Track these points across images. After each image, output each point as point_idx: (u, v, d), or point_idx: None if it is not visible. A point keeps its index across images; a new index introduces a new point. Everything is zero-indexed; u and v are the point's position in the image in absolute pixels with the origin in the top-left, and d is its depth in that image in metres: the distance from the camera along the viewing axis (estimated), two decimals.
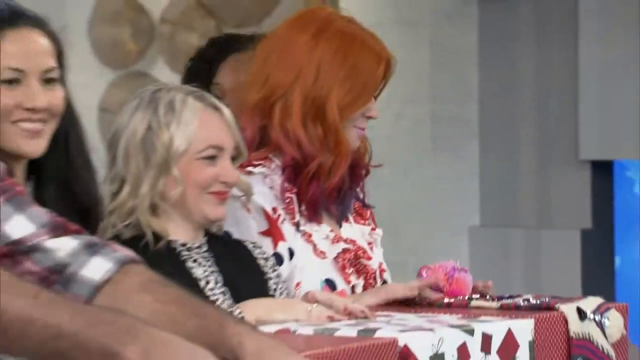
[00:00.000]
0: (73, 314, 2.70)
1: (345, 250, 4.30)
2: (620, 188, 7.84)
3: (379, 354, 3.17)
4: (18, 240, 3.05)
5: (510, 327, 3.38)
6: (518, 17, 7.85)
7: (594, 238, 7.74)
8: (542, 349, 3.54)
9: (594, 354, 3.59)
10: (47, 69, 3.77)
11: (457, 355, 3.27)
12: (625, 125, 7.52)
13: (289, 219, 4.23)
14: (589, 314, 3.63)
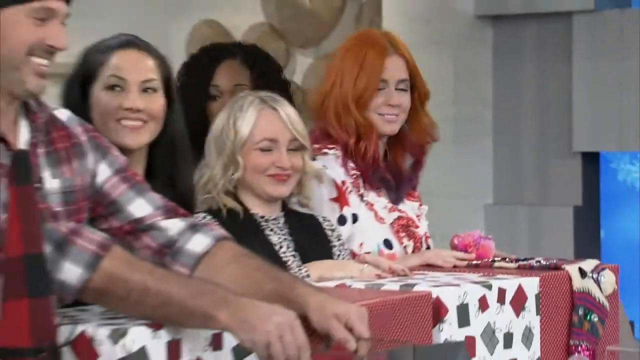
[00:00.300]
0: (180, 285, 2.92)
1: (399, 218, 4.28)
2: (605, 174, 7.86)
3: (417, 304, 3.21)
4: (139, 219, 3.20)
5: (520, 283, 3.43)
6: (523, 38, 7.88)
7: (583, 214, 7.79)
8: (548, 301, 3.55)
9: (592, 305, 3.60)
10: (146, 79, 3.85)
11: (478, 305, 3.31)
12: (609, 124, 7.57)
13: (355, 191, 4.20)
14: (588, 272, 3.68)
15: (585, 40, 7.67)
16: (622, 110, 7.55)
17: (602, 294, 3.59)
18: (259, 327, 2.78)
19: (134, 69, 3.89)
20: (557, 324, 3.56)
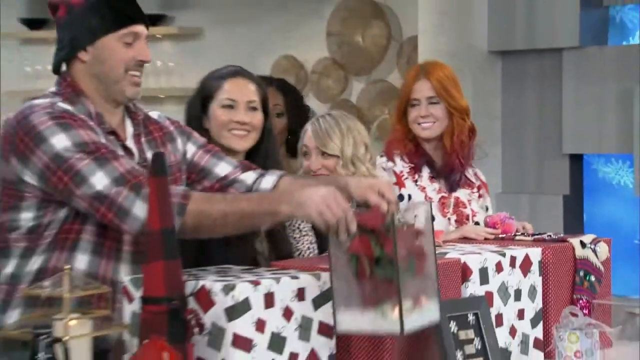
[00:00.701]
0: (247, 201, 3.12)
1: (445, 198, 4.20)
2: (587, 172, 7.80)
3: (449, 268, 3.19)
4: (224, 177, 3.39)
5: (527, 252, 3.38)
6: (525, 68, 7.80)
7: (570, 201, 7.71)
8: (555, 265, 3.49)
9: (590, 268, 3.54)
10: (249, 100, 3.88)
11: (495, 268, 3.28)
12: (590, 133, 7.50)
13: (411, 178, 4.12)
14: (587, 244, 3.62)
15: (572, 69, 7.61)
16: (600, 123, 7.51)
17: (598, 260, 3.56)
18: (310, 203, 2.86)
19: (241, 93, 3.90)
20: (563, 283, 3.50)
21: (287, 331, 2.79)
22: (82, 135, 3.01)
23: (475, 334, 3.01)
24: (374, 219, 2.81)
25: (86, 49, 3.12)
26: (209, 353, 2.71)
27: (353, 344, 2.97)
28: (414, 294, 2.76)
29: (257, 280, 2.78)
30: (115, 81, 3.14)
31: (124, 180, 2.96)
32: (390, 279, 2.70)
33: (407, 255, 2.76)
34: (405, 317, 2.69)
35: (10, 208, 3.07)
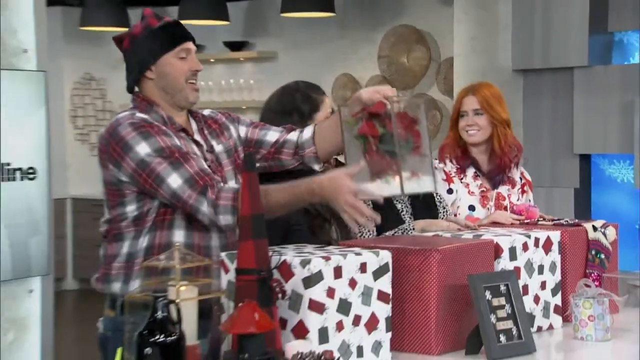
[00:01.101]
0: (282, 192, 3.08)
1: (485, 192, 4.13)
2: (594, 169, 7.75)
3: (484, 247, 3.16)
4: (275, 141, 3.40)
5: (548, 235, 3.35)
6: (542, 83, 7.75)
7: (580, 194, 7.66)
8: (569, 246, 3.46)
9: (601, 247, 3.50)
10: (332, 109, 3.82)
11: (522, 248, 3.25)
12: (597, 137, 7.44)
13: (457, 176, 4.10)
14: (598, 228, 3.58)
15: (581, 84, 7.54)
16: (605, 128, 7.45)
17: (607, 241, 3.52)
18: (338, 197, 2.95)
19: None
20: (578, 260, 3.48)
21: (352, 297, 2.79)
22: (159, 141, 3.07)
23: (506, 301, 2.98)
24: (377, 106, 2.85)
25: (151, 68, 3.17)
26: (289, 314, 2.72)
27: (408, 310, 2.97)
28: (412, 167, 2.87)
29: (328, 256, 2.78)
30: (179, 90, 3.19)
31: (193, 181, 3.03)
32: (392, 152, 2.82)
33: (405, 134, 2.84)
34: (405, 183, 2.83)
35: (117, 204, 3.14)
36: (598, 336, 3.15)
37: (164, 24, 3.20)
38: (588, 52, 7.52)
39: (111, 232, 3.19)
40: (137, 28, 3.21)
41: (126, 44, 3.21)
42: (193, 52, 3.24)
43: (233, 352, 2.46)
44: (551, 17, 7.67)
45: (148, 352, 2.39)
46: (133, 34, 3.20)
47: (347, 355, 2.76)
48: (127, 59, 3.24)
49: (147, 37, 3.18)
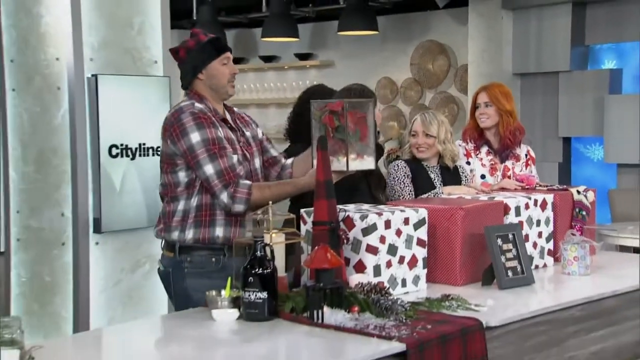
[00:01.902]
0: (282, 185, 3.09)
1: (494, 164, 4.06)
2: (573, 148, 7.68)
3: (495, 206, 3.14)
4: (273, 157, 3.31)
5: (544, 197, 3.32)
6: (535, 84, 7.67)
7: (563, 167, 7.61)
8: (559, 206, 3.41)
9: (583, 207, 3.44)
10: None
11: (524, 207, 3.22)
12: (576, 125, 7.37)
13: (474, 152, 4.00)
14: (581, 192, 3.51)
15: (564, 85, 7.48)
16: (583, 118, 7.40)
17: (587, 201, 3.48)
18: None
19: None
20: (565, 215, 3.44)
21: (398, 243, 2.81)
22: (208, 133, 3.00)
23: (512, 246, 2.97)
24: (336, 105, 2.87)
25: (202, 72, 3.12)
26: (351, 255, 2.74)
27: (439, 252, 2.96)
28: (358, 151, 2.90)
29: (380, 212, 2.80)
30: (222, 87, 3.15)
31: (222, 174, 2.96)
32: (343, 140, 2.85)
33: (354, 127, 2.86)
34: (350, 162, 2.87)
35: (172, 172, 3.06)
36: (581, 272, 3.15)
37: (210, 39, 3.14)
38: (570, 60, 7.47)
39: (168, 194, 3.10)
40: (191, 42, 3.14)
41: (182, 53, 3.14)
42: (231, 60, 3.19)
43: (311, 281, 2.48)
44: (541, 34, 7.63)
45: (251, 281, 2.44)
46: (188, 47, 3.13)
47: (394, 285, 2.78)
48: (182, 65, 3.16)
49: (199, 49, 3.12)
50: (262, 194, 2.97)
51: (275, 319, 2.44)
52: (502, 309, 2.63)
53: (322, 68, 9.98)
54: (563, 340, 2.77)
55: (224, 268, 2.95)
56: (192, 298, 2.92)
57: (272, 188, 3.04)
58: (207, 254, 3.02)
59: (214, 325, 2.41)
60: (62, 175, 4.13)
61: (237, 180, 2.98)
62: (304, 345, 2.23)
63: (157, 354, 2.16)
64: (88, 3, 4.11)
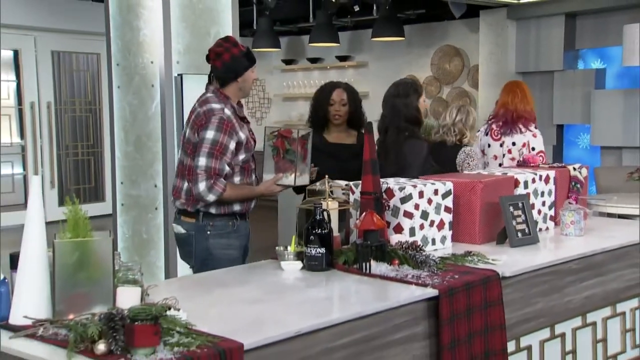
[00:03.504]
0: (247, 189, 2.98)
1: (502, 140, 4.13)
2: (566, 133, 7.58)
3: (508, 181, 3.07)
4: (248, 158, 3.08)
5: (547, 173, 3.22)
6: (534, 80, 7.57)
7: (557, 149, 7.54)
8: (559, 180, 3.31)
9: (578, 181, 3.36)
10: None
11: (531, 181, 3.13)
12: (568, 114, 7.27)
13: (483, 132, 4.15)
14: (577, 168, 3.43)
15: (558, 82, 7.41)
16: (573, 109, 7.31)
17: (582, 176, 3.43)
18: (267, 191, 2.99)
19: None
20: (563, 188, 3.38)
21: (429, 209, 2.78)
22: (221, 137, 2.86)
23: (521, 212, 2.91)
24: (286, 132, 2.92)
25: (242, 76, 2.98)
26: (392, 219, 2.72)
27: (462, 217, 2.93)
28: (299, 170, 2.95)
29: (415, 184, 2.78)
30: (249, 89, 3.03)
31: (209, 170, 2.84)
32: (292, 160, 2.92)
33: (300, 151, 2.92)
34: (297, 178, 2.94)
35: (192, 156, 2.91)
36: (576, 233, 3.11)
37: (248, 50, 3.01)
38: (563, 61, 7.41)
39: (189, 175, 2.94)
40: (236, 50, 2.97)
41: (227, 57, 2.94)
42: (256, 68, 3.07)
43: (360, 240, 2.47)
44: (539, 40, 7.54)
45: (312, 239, 2.45)
46: (233, 53, 2.95)
47: (426, 244, 2.76)
48: (224, 67, 2.95)
49: (242, 57, 2.97)
50: (231, 193, 2.91)
51: (331, 269, 2.45)
52: (513, 262, 2.62)
53: (358, 68, 9.95)
54: (562, 287, 2.78)
55: (237, 229, 3.01)
56: (213, 254, 2.95)
57: (238, 190, 2.95)
58: (226, 219, 3.00)
59: (283, 273, 2.44)
60: (155, 154, 4.23)
61: (218, 177, 2.87)
62: (355, 290, 2.24)
63: (241, 294, 2.19)
64: (176, 17, 4.16)
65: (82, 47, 8.98)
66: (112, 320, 1.59)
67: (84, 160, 9.16)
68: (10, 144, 8.61)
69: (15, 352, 1.67)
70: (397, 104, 3.54)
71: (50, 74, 8.73)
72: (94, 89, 9.21)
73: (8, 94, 8.61)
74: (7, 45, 8.40)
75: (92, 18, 8.11)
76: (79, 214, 1.82)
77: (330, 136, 3.63)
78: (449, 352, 2.20)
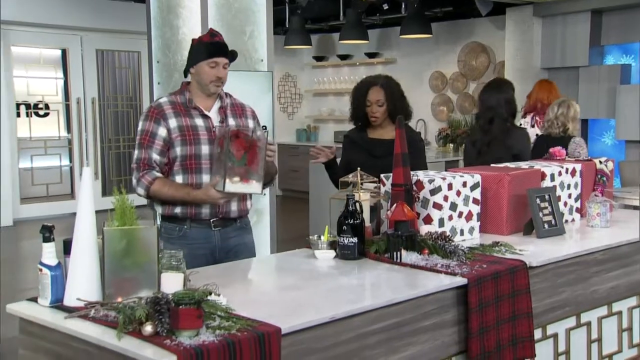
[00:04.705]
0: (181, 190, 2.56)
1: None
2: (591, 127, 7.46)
3: (534, 174, 3.03)
4: None
5: (574, 166, 3.18)
6: (560, 76, 7.46)
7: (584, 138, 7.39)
8: (585, 173, 3.27)
9: (604, 174, 3.31)
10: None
11: (557, 173, 3.09)
12: (592, 109, 7.15)
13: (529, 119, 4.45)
14: (602, 162, 3.35)
15: (584, 77, 7.31)
16: (597, 104, 7.20)
17: (607, 169, 3.37)
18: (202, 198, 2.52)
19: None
20: (590, 180, 3.33)
21: (458, 201, 2.76)
22: (147, 125, 2.62)
23: (548, 204, 2.90)
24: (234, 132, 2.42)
25: (193, 67, 2.67)
26: (421, 210, 2.70)
27: (489, 209, 2.91)
28: (243, 175, 2.42)
29: (444, 177, 2.76)
30: (205, 84, 2.65)
31: (140, 161, 2.60)
32: (225, 163, 2.40)
33: (240, 154, 2.40)
34: (229, 184, 2.40)
35: None
36: (602, 225, 3.08)
37: (210, 41, 2.66)
38: (588, 57, 7.28)
39: None
40: (196, 40, 2.71)
41: (192, 44, 2.71)
42: (221, 65, 2.66)
43: (391, 230, 2.46)
44: (565, 36, 7.44)
45: (344, 229, 2.45)
46: (193, 42, 2.71)
47: (454, 234, 2.75)
48: (188, 55, 2.73)
49: (196, 47, 2.68)
50: (161, 188, 2.59)
51: (363, 258, 2.45)
52: (540, 253, 2.59)
53: (386, 64, 9.91)
54: (588, 278, 2.74)
55: (184, 236, 2.66)
56: None
57: (172, 187, 2.60)
58: (171, 223, 2.69)
59: (317, 262, 2.44)
60: None
61: (149, 170, 2.62)
62: (386, 278, 2.24)
63: (277, 281, 2.21)
64: (213, 17, 4.21)
65: (124, 46, 9.12)
66: (157, 303, 1.63)
67: (125, 153, 9.30)
68: (58, 137, 8.82)
69: (70, 331, 1.72)
70: (500, 98, 3.79)
71: (94, 71, 8.90)
72: (134, 85, 9.35)
73: (56, 91, 8.83)
74: (56, 44, 8.64)
75: (133, 18, 8.27)
76: (126, 204, 1.85)
77: (372, 132, 3.41)
78: (478, 338, 2.19)
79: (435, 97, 9.31)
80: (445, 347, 2.18)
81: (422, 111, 9.18)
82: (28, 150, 8.58)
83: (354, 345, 1.91)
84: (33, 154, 8.63)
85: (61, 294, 1.85)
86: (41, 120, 8.71)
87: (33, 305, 1.89)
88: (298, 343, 1.77)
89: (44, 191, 8.74)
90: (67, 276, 1.85)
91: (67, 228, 2.12)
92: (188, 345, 1.55)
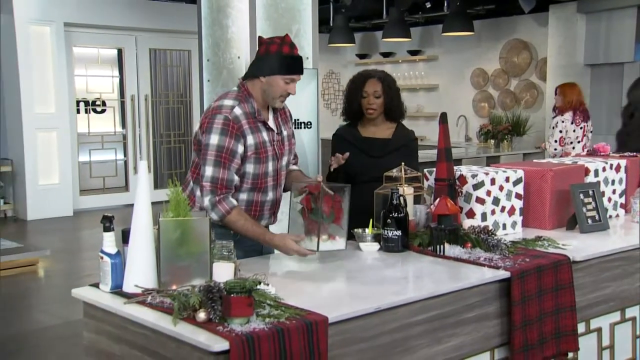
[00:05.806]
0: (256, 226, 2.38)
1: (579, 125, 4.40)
2: None
3: (579, 169, 2.97)
4: (293, 156, 2.72)
5: (618, 162, 3.07)
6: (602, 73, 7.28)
7: None
8: (630, 168, 3.17)
9: None
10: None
11: (602, 169, 2.99)
12: None
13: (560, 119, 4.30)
14: None
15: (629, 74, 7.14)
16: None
17: None
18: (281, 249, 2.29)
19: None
20: (635, 176, 3.22)
21: (500, 196, 2.73)
22: (226, 141, 2.38)
23: (592, 200, 2.83)
24: (315, 188, 2.29)
25: (265, 76, 2.46)
26: (465, 205, 2.68)
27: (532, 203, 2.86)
28: (330, 232, 2.30)
29: (487, 172, 2.73)
30: (273, 97, 2.48)
31: (216, 180, 2.37)
32: (317, 221, 2.26)
33: (329, 210, 2.28)
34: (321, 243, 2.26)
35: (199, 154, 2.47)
36: None
37: (291, 57, 2.46)
38: (634, 53, 7.10)
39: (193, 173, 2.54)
40: (275, 46, 2.45)
41: (262, 50, 2.47)
42: (295, 82, 2.50)
43: (434, 224, 2.45)
44: (609, 31, 7.25)
45: (389, 222, 2.45)
46: (269, 50, 2.45)
47: (497, 228, 2.73)
48: (256, 59, 2.50)
49: (275, 57, 2.43)
50: (238, 220, 2.38)
51: (407, 251, 2.44)
52: (584, 247, 2.54)
53: (428, 62, 9.83)
54: (632, 273, 2.67)
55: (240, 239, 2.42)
56: None
57: (248, 222, 2.39)
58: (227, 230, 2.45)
59: (362, 254, 2.44)
60: None
61: (226, 194, 2.40)
62: (429, 271, 2.22)
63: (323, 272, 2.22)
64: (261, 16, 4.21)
65: (175, 45, 9.31)
66: (210, 291, 1.65)
67: (175, 147, 9.49)
68: (114, 132, 9.05)
69: (129, 315, 1.77)
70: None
71: (147, 69, 9.12)
72: (185, 82, 9.53)
73: (112, 88, 9.06)
74: (113, 44, 8.88)
75: (184, 18, 8.45)
76: (180, 196, 1.88)
77: (365, 130, 3.16)
78: (521, 331, 2.16)
79: (476, 94, 9.19)
80: (488, 338, 2.15)
81: (464, 107, 9.07)
82: (87, 144, 8.84)
83: (398, 335, 1.91)
84: (91, 149, 8.88)
85: (120, 280, 1.90)
86: (98, 116, 8.96)
87: (95, 290, 1.95)
88: (344, 332, 1.78)
89: (101, 184, 8.97)
90: (125, 264, 1.89)
91: (123, 218, 2.16)
92: (240, 332, 1.57)
